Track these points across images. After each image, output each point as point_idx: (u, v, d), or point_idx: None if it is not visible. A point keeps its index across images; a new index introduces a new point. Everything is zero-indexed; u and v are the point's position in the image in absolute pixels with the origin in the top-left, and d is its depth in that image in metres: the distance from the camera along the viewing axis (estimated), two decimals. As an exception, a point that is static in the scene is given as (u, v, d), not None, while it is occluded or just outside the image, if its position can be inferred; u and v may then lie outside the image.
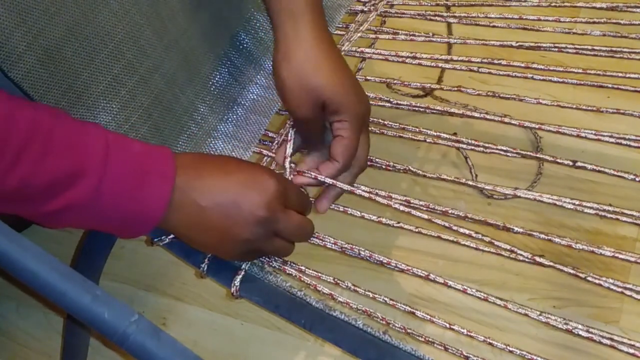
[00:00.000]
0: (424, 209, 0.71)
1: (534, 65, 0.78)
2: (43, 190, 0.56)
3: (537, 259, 0.67)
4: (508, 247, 0.67)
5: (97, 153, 0.58)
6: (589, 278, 0.66)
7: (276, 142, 0.77)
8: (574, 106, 0.76)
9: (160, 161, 0.61)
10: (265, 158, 0.76)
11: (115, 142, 0.60)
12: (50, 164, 0.55)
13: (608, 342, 0.62)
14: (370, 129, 0.75)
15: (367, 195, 0.71)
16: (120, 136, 0.61)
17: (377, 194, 0.71)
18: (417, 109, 0.78)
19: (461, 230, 0.68)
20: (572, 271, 0.66)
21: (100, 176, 0.57)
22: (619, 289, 0.65)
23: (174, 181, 0.61)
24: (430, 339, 0.63)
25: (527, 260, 0.67)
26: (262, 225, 0.63)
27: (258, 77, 0.79)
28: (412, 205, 0.70)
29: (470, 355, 0.61)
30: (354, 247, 0.69)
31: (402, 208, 0.70)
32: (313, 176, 0.71)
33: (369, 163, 0.75)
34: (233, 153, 0.76)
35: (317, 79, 0.68)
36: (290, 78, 0.68)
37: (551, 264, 0.66)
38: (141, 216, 0.60)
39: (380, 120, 0.79)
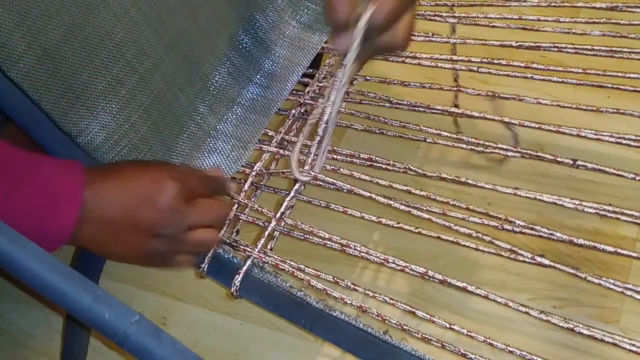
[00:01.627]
0: (424, 208, 0.70)
1: (534, 65, 0.78)
2: None
3: (538, 258, 0.67)
4: (508, 246, 0.67)
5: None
6: (589, 278, 0.66)
7: (275, 140, 0.77)
8: (574, 106, 0.76)
9: (69, 184, 0.61)
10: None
11: (23, 171, 0.59)
12: None
13: (610, 339, 0.62)
14: (370, 128, 0.75)
15: (367, 195, 0.71)
16: (30, 158, 0.60)
17: (377, 183, 0.71)
18: (417, 108, 0.78)
19: (461, 230, 0.68)
20: (572, 271, 0.66)
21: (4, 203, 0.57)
22: (620, 289, 0.65)
23: (82, 201, 0.60)
24: (427, 337, 0.63)
25: (527, 260, 0.67)
26: (169, 227, 0.64)
27: (257, 77, 0.79)
28: (411, 205, 0.70)
29: (468, 353, 0.61)
30: (350, 243, 0.69)
31: (402, 207, 0.70)
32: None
33: (369, 163, 0.74)
34: (232, 152, 0.76)
35: None
36: None
37: (552, 263, 0.66)
38: (48, 238, 0.60)
39: (381, 119, 0.79)
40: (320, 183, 0.71)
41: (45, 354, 1.04)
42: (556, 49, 0.79)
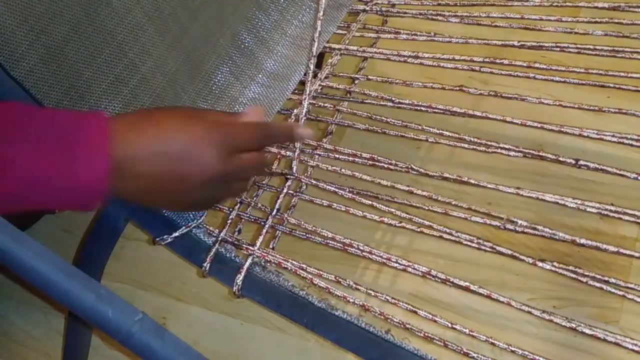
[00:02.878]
0: (425, 208, 0.70)
1: (536, 65, 0.78)
2: None
3: (539, 263, 0.66)
4: (510, 252, 0.67)
5: (19, 136, 0.53)
6: (590, 282, 0.66)
7: None
8: (576, 105, 0.76)
9: (93, 131, 0.56)
10: None
11: (39, 120, 0.55)
12: None
13: (612, 339, 0.62)
14: (372, 128, 0.75)
15: (369, 203, 0.71)
16: (48, 112, 0.58)
17: (379, 184, 0.71)
18: (418, 108, 0.78)
19: (462, 236, 0.68)
20: (573, 275, 0.66)
21: (27, 162, 0.53)
22: (621, 292, 0.65)
23: (110, 153, 0.56)
24: (429, 336, 0.63)
25: (529, 263, 0.67)
26: (215, 179, 0.61)
27: (259, 76, 0.79)
28: (414, 197, 0.70)
29: (471, 352, 0.61)
30: (353, 242, 0.69)
31: (402, 215, 0.70)
32: None
33: (370, 162, 0.75)
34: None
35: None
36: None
37: (553, 268, 0.66)
38: (82, 195, 0.55)
39: (383, 118, 0.79)
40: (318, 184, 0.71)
41: (45, 354, 1.04)
42: (558, 49, 0.79)
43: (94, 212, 0.64)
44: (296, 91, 0.81)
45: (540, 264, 0.67)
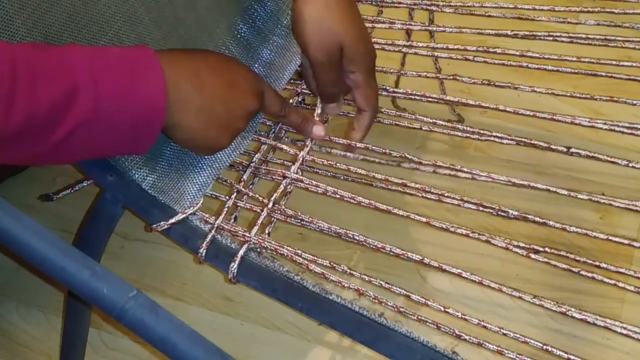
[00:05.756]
0: (419, 195, 0.71)
1: (529, 54, 0.79)
2: (47, 117, 0.56)
3: (532, 255, 0.67)
4: (504, 244, 0.68)
5: (82, 64, 0.58)
6: (582, 272, 0.67)
7: (273, 131, 0.78)
8: (568, 94, 0.77)
9: (146, 57, 0.62)
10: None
11: (95, 52, 0.60)
12: (43, 90, 0.55)
13: (602, 323, 0.62)
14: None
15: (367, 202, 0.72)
16: (97, 47, 0.62)
17: (374, 177, 0.72)
18: (413, 97, 0.79)
19: (459, 230, 0.69)
20: (565, 265, 0.67)
21: (94, 84, 0.58)
22: (612, 281, 0.66)
23: (164, 72, 0.62)
24: (422, 318, 0.64)
25: (522, 254, 0.68)
26: (252, 115, 0.71)
27: (255, 66, 0.79)
28: (408, 188, 0.71)
29: (463, 334, 0.62)
30: (348, 232, 0.70)
31: (401, 213, 0.70)
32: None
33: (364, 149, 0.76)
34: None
35: (338, 25, 0.73)
36: (311, 22, 0.73)
37: (546, 260, 0.67)
38: (146, 111, 0.61)
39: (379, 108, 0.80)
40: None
41: (45, 354, 1.05)
42: (551, 38, 0.79)
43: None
44: (291, 81, 0.82)
45: (534, 255, 0.67)
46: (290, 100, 0.81)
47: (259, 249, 0.70)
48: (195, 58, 0.67)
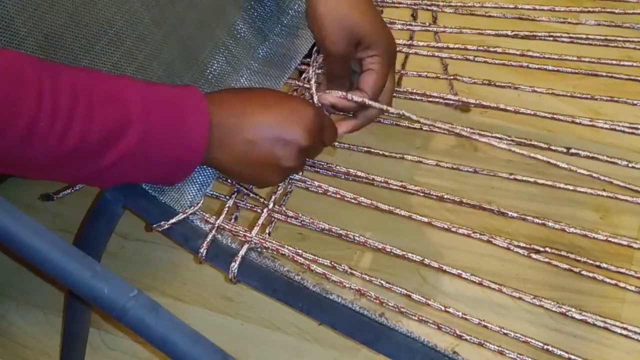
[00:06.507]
0: (421, 194, 0.71)
1: (529, 53, 0.79)
2: (98, 144, 0.58)
3: (533, 255, 0.67)
4: (505, 244, 0.68)
5: (136, 99, 0.61)
6: (583, 272, 0.67)
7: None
8: (569, 94, 0.77)
9: (193, 98, 0.64)
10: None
11: (148, 87, 0.63)
12: (99, 118, 0.58)
13: (602, 323, 0.62)
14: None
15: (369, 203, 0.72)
16: (150, 82, 0.65)
17: (373, 180, 0.72)
18: (414, 97, 0.79)
19: (460, 230, 0.69)
20: (566, 265, 0.67)
21: (145, 120, 0.60)
22: (613, 281, 0.66)
23: (210, 116, 0.64)
24: (423, 318, 0.64)
25: (523, 254, 0.68)
26: (304, 154, 0.68)
27: (255, 65, 0.79)
28: (408, 190, 0.71)
29: (464, 334, 0.62)
30: (349, 232, 0.70)
31: (402, 213, 0.70)
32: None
33: (365, 149, 0.75)
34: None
35: (354, 15, 0.72)
36: (328, 14, 0.72)
37: (547, 259, 0.67)
38: (187, 151, 0.63)
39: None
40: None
41: (45, 354, 1.05)
42: (551, 38, 0.79)
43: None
44: (290, 78, 0.82)
45: (535, 255, 0.67)
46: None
47: (259, 249, 0.70)
48: (241, 95, 0.69)
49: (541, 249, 0.68)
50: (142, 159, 0.61)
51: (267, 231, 0.74)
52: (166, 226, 0.70)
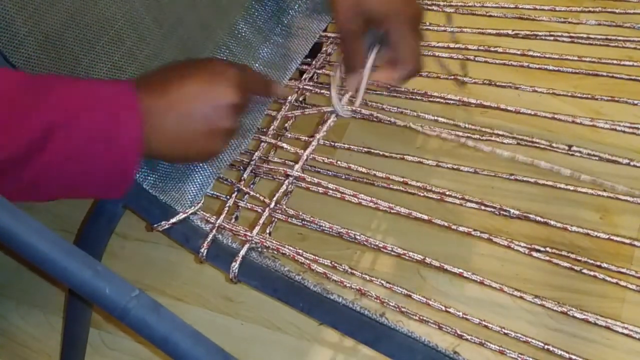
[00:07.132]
0: (422, 193, 0.71)
1: (530, 53, 0.79)
2: (26, 151, 0.57)
3: (534, 254, 0.67)
4: (505, 243, 0.68)
5: (60, 104, 0.59)
6: (584, 271, 0.67)
7: (272, 128, 0.78)
8: (569, 93, 0.77)
9: (124, 96, 0.62)
10: None
11: (73, 90, 0.60)
12: (27, 124, 0.56)
13: (603, 323, 0.62)
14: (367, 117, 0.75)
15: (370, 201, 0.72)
16: (76, 82, 0.62)
17: (374, 176, 0.72)
18: (414, 97, 0.79)
19: (460, 229, 0.69)
20: (567, 264, 0.67)
21: (71, 124, 0.58)
22: (614, 280, 0.66)
23: (141, 111, 0.62)
24: (424, 318, 0.64)
25: (524, 253, 0.68)
26: (238, 109, 0.67)
27: (256, 65, 0.79)
28: (409, 185, 0.71)
29: (465, 334, 0.62)
30: (349, 231, 0.70)
31: (402, 211, 0.70)
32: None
33: (366, 149, 0.75)
34: (232, 140, 0.76)
35: None
36: None
37: (548, 258, 0.67)
38: (121, 150, 0.61)
39: (379, 105, 0.79)
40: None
41: (45, 354, 1.04)
42: (552, 38, 0.79)
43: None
44: (291, 79, 0.82)
45: (535, 254, 0.67)
46: (290, 98, 0.80)
47: (260, 249, 0.70)
48: (165, 73, 0.67)
49: (542, 248, 0.68)
50: (73, 164, 0.59)
51: (267, 231, 0.74)
52: (167, 226, 0.70)
